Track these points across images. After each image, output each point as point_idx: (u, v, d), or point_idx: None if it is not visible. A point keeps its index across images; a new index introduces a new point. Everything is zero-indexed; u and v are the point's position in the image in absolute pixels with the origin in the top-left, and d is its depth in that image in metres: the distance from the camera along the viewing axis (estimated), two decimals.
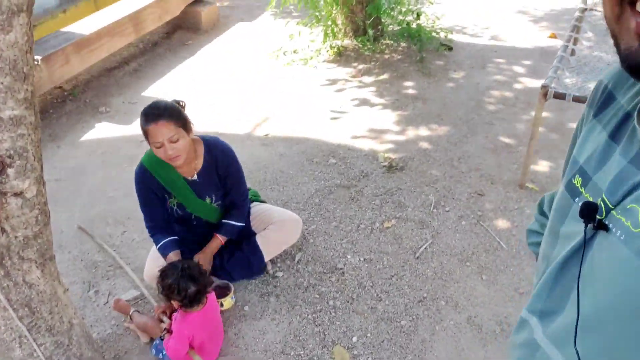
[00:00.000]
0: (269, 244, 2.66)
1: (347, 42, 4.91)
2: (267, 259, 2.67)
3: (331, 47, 4.73)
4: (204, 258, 2.53)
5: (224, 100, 4.20)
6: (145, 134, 2.18)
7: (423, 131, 3.73)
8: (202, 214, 2.53)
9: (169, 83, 4.47)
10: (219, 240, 2.57)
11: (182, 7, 5.16)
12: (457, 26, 5.25)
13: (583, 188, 0.73)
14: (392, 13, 4.81)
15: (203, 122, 3.89)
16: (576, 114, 3.82)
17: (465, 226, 2.94)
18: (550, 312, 0.77)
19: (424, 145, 3.59)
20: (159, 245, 2.47)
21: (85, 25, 4.24)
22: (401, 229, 2.93)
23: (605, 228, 0.66)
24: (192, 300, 2.15)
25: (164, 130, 2.14)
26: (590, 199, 0.70)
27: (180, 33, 5.30)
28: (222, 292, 2.51)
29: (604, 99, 0.77)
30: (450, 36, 4.92)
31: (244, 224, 2.63)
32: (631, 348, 0.63)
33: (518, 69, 4.49)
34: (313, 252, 2.80)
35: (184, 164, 2.36)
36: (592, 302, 0.67)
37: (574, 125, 3.72)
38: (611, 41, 0.64)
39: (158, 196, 2.44)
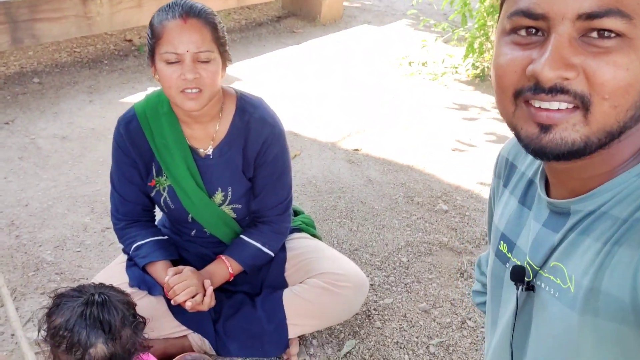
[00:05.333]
0: (303, 311, 1.50)
1: None
2: (293, 334, 1.52)
3: (473, 65, 3.57)
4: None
5: (316, 98, 3.17)
6: (157, 36, 1.21)
7: None
8: (204, 220, 1.46)
9: (257, 65, 3.54)
10: (225, 266, 1.46)
11: None
12: None
13: (510, 253, 0.75)
14: None
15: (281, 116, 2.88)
16: None
17: None
18: None
19: None
20: (134, 245, 1.44)
21: None
22: None
23: (532, 289, 0.68)
24: None
25: (195, 35, 1.21)
26: (518, 263, 0.72)
27: (292, 20, 4.42)
28: None
29: (508, 171, 0.81)
30: None
31: (272, 255, 1.51)
32: None
33: None
34: (375, 345, 1.60)
35: (201, 120, 1.36)
36: None
37: None
38: None
39: (138, 169, 1.42)
